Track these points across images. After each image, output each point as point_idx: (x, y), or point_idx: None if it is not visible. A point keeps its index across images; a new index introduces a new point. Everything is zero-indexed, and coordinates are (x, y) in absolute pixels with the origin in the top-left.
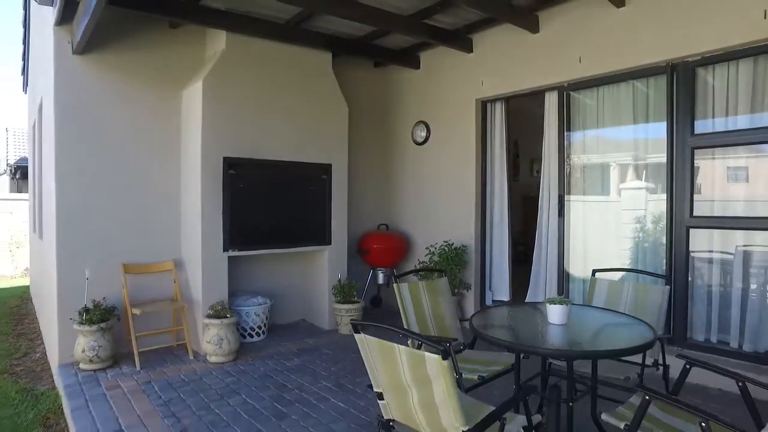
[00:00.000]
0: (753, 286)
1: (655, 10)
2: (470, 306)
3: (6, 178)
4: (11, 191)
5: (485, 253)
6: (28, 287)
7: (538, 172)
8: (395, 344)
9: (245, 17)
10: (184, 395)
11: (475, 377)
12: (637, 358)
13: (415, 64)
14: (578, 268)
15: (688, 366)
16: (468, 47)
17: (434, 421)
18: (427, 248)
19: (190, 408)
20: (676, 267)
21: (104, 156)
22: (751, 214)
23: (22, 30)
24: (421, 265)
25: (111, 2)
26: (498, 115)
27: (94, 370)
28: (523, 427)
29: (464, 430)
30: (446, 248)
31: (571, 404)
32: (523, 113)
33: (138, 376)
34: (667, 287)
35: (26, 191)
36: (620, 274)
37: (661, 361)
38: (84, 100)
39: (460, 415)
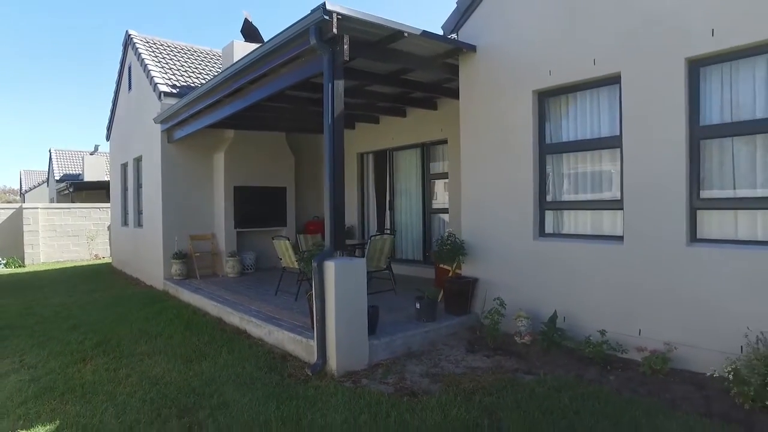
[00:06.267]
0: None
1: (415, 120)
2: None
3: (45, 188)
4: (57, 201)
5: (364, 230)
6: (107, 263)
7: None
8: (282, 241)
9: (244, 123)
10: (221, 284)
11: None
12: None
13: None
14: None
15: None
16: (353, 126)
17: (292, 260)
18: None
19: (224, 285)
20: (425, 229)
21: (181, 185)
22: (443, 206)
23: (111, 105)
24: None
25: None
26: (370, 161)
27: (180, 279)
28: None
29: (295, 258)
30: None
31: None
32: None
33: (199, 281)
34: (392, 236)
35: (78, 201)
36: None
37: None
38: (172, 160)
39: (294, 258)
